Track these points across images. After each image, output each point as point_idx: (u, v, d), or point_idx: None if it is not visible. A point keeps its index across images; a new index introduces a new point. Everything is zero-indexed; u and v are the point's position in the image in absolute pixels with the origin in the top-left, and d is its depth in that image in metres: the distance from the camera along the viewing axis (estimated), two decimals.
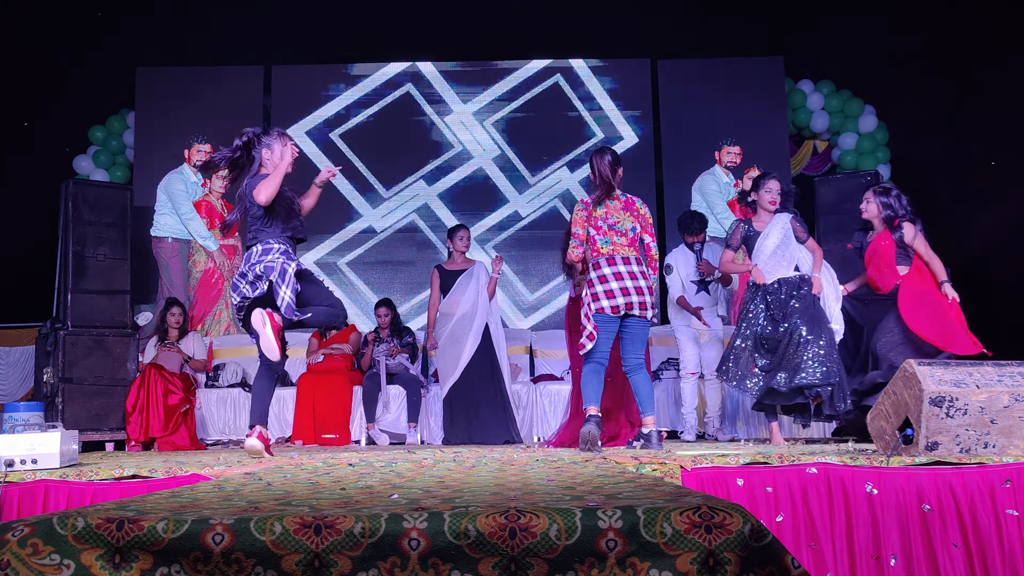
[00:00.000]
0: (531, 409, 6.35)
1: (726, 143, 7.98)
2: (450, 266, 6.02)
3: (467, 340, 5.77)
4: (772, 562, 1.48)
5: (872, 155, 7.86)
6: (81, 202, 5.97)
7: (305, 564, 1.52)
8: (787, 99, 8.05)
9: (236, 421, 6.29)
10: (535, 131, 8.27)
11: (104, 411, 5.79)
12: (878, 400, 3.47)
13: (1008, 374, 3.32)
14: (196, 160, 7.65)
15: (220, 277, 7.57)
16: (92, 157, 7.98)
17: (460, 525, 1.53)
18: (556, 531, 1.51)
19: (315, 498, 1.91)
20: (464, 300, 5.85)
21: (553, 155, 8.25)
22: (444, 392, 5.78)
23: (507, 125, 8.27)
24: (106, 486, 3.35)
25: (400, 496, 1.91)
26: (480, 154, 8.21)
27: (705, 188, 7.92)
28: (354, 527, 1.53)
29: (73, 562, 1.56)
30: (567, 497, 1.79)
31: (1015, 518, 2.94)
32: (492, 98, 8.30)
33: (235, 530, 1.54)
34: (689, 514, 1.52)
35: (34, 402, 5.33)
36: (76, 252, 5.89)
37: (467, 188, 8.18)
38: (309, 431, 5.98)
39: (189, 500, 1.93)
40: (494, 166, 8.20)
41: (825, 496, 3.09)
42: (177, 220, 7.49)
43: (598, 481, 2.29)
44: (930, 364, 3.32)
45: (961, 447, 3.22)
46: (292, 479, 2.60)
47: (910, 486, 3.03)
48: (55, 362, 5.70)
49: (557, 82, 8.30)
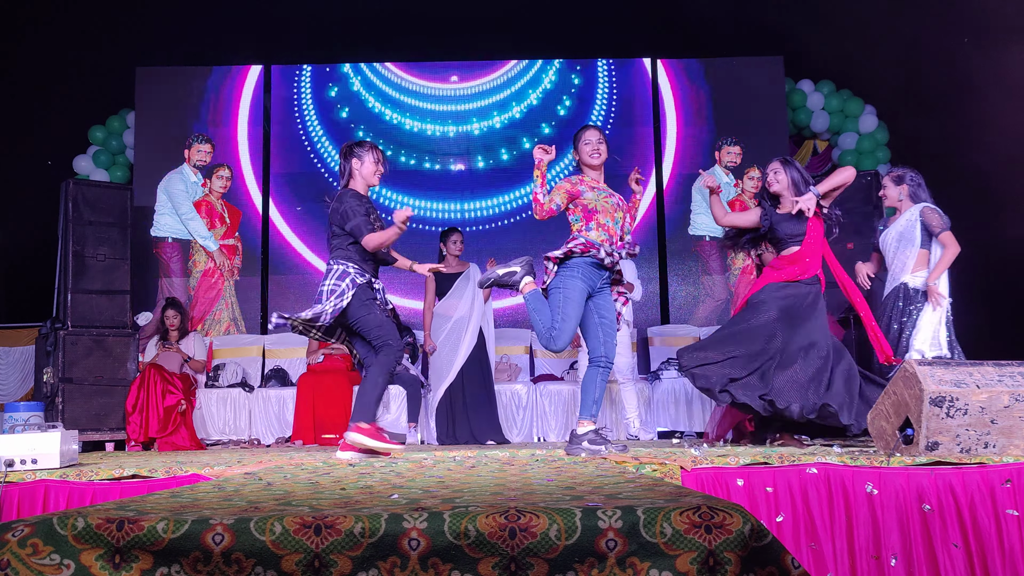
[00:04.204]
0: (531, 409, 6.36)
1: (726, 143, 7.99)
2: (445, 269, 6.02)
3: (462, 343, 5.80)
4: (772, 562, 1.48)
5: (872, 155, 7.86)
6: (81, 202, 5.98)
7: (305, 564, 1.52)
8: (787, 99, 8.05)
9: (236, 421, 6.30)
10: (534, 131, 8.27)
11: (104, 411, 5.80)
12: (878, 400, 3.47)
13: (1008, 374, 3.32)
14: (196, 160, 7.65)
15: (220, 277, 7.58)
16: (92, 157, 7.98)
17: (460, 525, 1.53)
18: (556, 531, 1.51)
19: (315, 498, 1.91)
20: (461, 303, 5.87)
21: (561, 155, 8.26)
22: (439, 394, 5.79)
23: (507, 125, 8.26)
24: (106, 486, 3.35)
25: (400, 496, 1.91)
26: (479, 154, 8.20)
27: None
28: (354, 527, 1.53)
29: (73, 562, 1.56)
30: (567, 497, 1.79)
31: (1015, 518, 2.94)
32: (492, 98, 8.30)
33: (235, 530, 1.54)
34: (689, 514, 1.52)
35: (34, 402, 5.34)
36: (76, 252, 5.90)
37: (466, 188, 8.17)
38: (309, 431, 5.98)
39: (189, 500, 1.93)
40: (493, 165, 8.19)
41: (825, 496, 3.09)
42: (177, 220, 7.49)
43: (598, 481, 2.29)
44: (930, 364, 3.32)
45: (961, 447, 3.22)
46: (292, 479, 2.60)
47: (910, 486, 3.03)
48: (55, 362, 5.71)
49: (557, 82, 8.29)
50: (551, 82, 8.30)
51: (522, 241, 7.77)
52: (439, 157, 8.19)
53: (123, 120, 8.05)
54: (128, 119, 8.01)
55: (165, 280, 7.50)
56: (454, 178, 8.16)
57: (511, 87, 8.30)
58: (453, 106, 8.27)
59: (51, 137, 7.86)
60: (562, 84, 8.29)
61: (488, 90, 8.31)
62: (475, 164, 8.17)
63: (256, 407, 6.33)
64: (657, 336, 7.25)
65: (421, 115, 8.24)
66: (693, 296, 7.86)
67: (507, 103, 8.26)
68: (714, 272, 7.85)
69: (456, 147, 8.22)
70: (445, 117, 8.26)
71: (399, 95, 8.27)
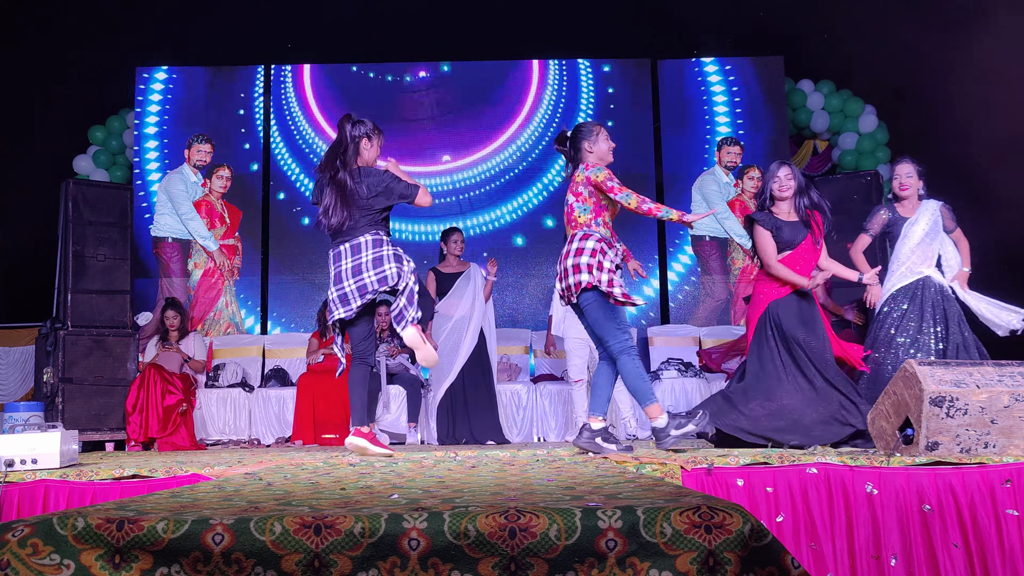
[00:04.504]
0: (531, 409, 6.36)
1: (726, 143, 7.98)
2: (446, 268, 6.03)
3: (463, 343, 5.80)
4: (772, 562, 1.48)
5: (872, 155, 7.86)
6: (81, 202, 5.98)
7: (305, 564, 1.52)
8: (787, 99, 8.05)
9: (236, 421, 6.30)
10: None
11: (104, 411, 5.79)
12: (878, 400, 3.47)
13: (1008, 374, 3.32)
14: (196, 160, 7.65)
15: (220, 277, 7.58)
16: (92, 157, 7.98)
17: (460, 525, 1.53)
18: (556, 531, 1.51)
19: (315, 498, 1.91)
20: (462, 303, 5.87)
21: (553, 154, 8.23)
22: (439, 393, 5.79)
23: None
24: (106, 486, 3.35)
25: (400, 496, 1.91)
26: (478, 153, 8.20)
27: (705, 188, 7.93)
28: (354, 527, 1.53)
29: (73, 562, 1.56)
30: (567, 497, 1.79)
31: (1015, 518, 2.94)
32: (491, 98, 8.30)
33: (235, 530, 1.54)
34: (689, 514, 1.52)
35: (34, 402, 5.34)
36: (76, 252, 5.90)
37: (466, 188, 8.17)
38: (309, 431, 5.98)
39: (189, 500, 1.93)
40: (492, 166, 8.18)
41: (825, 496, 3.09)
42: (177, 220, 7.50)
43: (598, 481, 2.29)
44: (930, 364, 3.32)
45: (961, 447, 3.22)
46: (292, 479, 2.60)
47: (910, 486, 3.03)
48: (55, 362, 5.70)
49: (557, 81, 8.28)
50: (551, 82, 8.29)
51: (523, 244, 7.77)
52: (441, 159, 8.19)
53: (123, 120, 8.05)
54: (128, 119, 8.01)
55: (165, 280, 7.50)
56: (460, 183, 8.17)
57: (509, 87, 8.29)
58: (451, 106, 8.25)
59: (51, 137, 7.86)
60: (561, 84, 8.29)
61: (487, 90, 8.29)
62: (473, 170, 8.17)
63: (256, 407, 6.33)
64: (657, 336, 7.25)
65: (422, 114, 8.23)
66: (693, 296, 7.86)
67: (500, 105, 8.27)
68: (714, 272, 7.85)
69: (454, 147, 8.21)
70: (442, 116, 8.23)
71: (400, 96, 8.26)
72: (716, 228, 7.89)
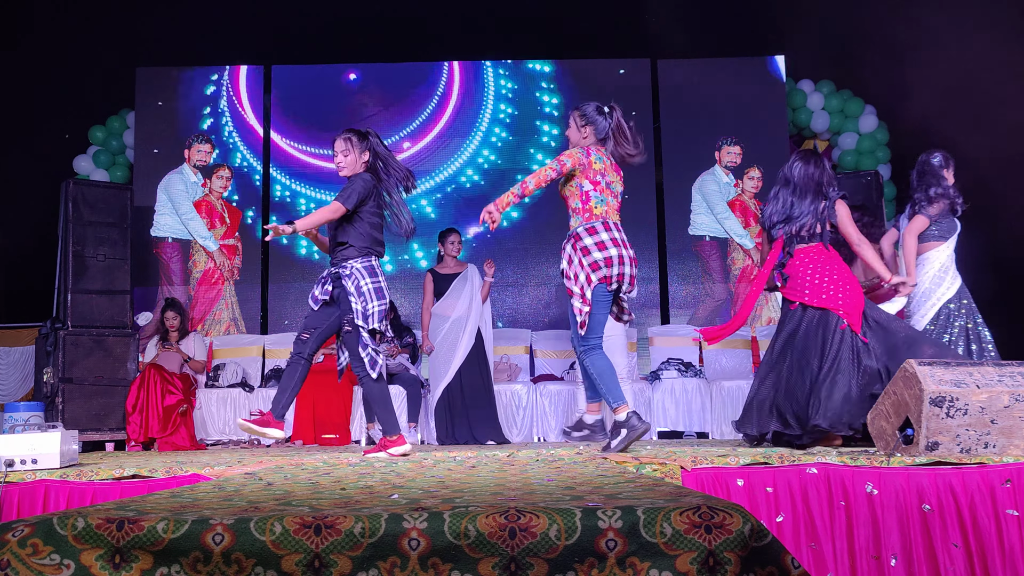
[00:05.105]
0: (531, 409, 6.36)
1: (726, 143, 7.98)
2: (443, 269, 6.03)
3: (460, 343, 5.80)
4: (772, 562, 1.48)
5: (872, 155, 7.86)
6: (81, 202, 5.98)
7: (305, 564, 1.52)
8: (787, 99, 8.05)
9: (236, 421, 6.30)
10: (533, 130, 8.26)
11: (104, 411, 5.80)
12: (878, 400, 3.47)
13: (1008, 374, 3.32)
14: (196, 160, 7.65)
15: (220, 277, 7.57)
16: (92, 157, 7.98)
17: (460, 525, 1.53)
18: (556, 531, 1.51)
19: (315, 498, 1.91)
20: (459, 303, 5.87)
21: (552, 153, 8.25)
22: (437, 394, 5.79)
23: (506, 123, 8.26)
24: (106, 486, 3.35)
25: (400, 496, 1.91)
26: (477, 153, 8.20)
27: (705, 188, 7.93)
28: (354, 527, 1.53)
29: (73, 562, 1.56)
30: (567, 497, 1.79)
31: (1015, 518, 2.94)
32: (490, 98, 8.30)
33: (235, 530, 1.54)
34: (689, 514, 1.52)
35: (34, 402, 5.34)
36: (76, 252, 5.90)
37: (465, 187, 8.17)
38: (309, 431, 5.98)
39: (189, 500, 1.93)
40: (492, 165, 8.18)
41: (825, 496, 3.09)
42: (177, 220, 7.49)
43: (598, 481, 2.29)
44: (930, 364, 3.32)
45: (961, 447, 3.22)
46: (292, 479, 2.60)
47: (910, 486, 3.03)
48: (55, 362, 5.71)
49: (557, 82, 8.29)
50: (551, 82, 8.29)
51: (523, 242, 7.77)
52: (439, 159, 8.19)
53: (123, 120, 8.04)
54: (128, 119, 8.01)
55: (165, 280, 7.50)
56: (460, 183, 8.17)
57: (508, 87, 8.30)
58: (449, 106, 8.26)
59: (51, 137, 7.86)
60: (561, 84, 8.29)
61: (485, 91, 8.29)
62: (472, 170, 8.17)
63: (256, 407, 6.33)
64: (657, 336, 7.25)
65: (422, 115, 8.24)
66: (693, 296, 7.86)
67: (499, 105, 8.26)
68: (714, 272, 7.85)
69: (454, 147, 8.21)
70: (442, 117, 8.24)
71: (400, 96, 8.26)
72: (716, 228, 7.89)
